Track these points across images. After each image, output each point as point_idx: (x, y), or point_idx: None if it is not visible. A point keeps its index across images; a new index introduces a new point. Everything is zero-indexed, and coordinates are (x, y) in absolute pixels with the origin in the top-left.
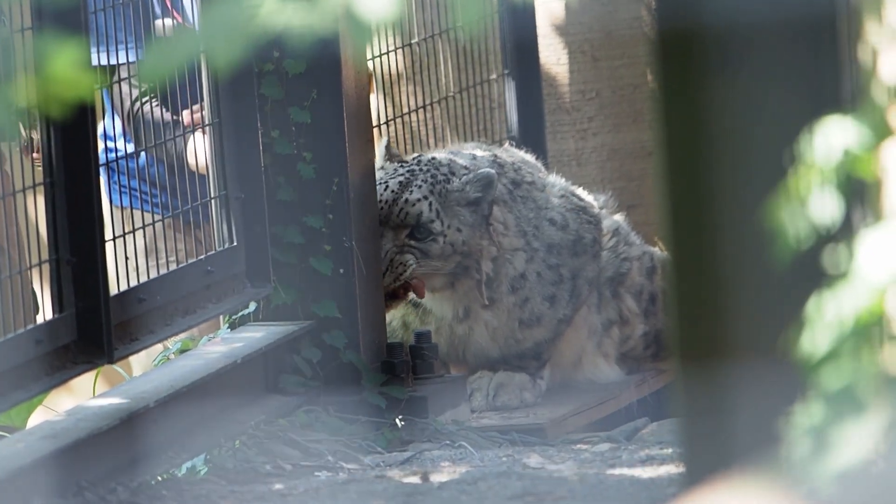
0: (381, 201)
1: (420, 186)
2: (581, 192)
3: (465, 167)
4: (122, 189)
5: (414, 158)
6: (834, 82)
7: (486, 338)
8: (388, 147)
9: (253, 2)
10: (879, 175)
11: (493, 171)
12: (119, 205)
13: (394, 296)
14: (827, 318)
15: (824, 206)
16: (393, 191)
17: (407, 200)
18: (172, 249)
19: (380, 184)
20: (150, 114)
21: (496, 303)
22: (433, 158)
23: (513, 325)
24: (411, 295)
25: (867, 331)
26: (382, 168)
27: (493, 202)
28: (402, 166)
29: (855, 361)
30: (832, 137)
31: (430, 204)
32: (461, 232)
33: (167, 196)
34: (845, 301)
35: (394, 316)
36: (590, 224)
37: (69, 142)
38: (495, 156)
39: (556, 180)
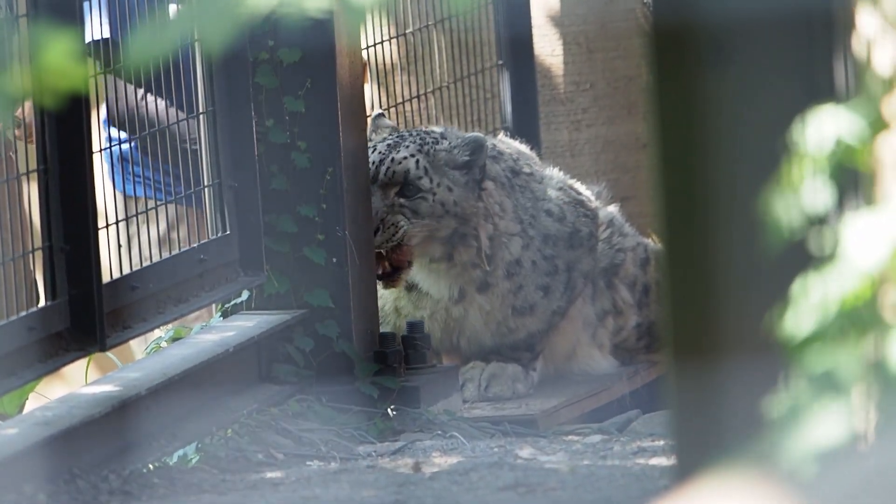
0: (370, 163)
1: (408, 146)
2: (579, 185)
3: (459, 136)
4: (134, 178)
5: (406, 129)
6: (828, 74)
7: (480, 322)
8: (376, 119)
9: None
10: (874, 165)
11: (481, 135)
12: (131, 194)
13: (390, 276)
14: (813, 300)
15: (817, 195)
16: (381, 152)
17: (394, 159)
18: (188, 240)
19: (369, 147)
20: (147, 108)
21: (491, 287)
22: (426, 128)
23: (506, 311)
24: (408, 275)
25: (852, 314)
26: (371, 139)
27: (485, 168)
28: (393, 132)
29: (840, 345)
30: (825, 126)
31: (418, 161)
32: (452, 192)
33: (181, 186)
34: (832, 284)
35: (386, 300)
36: (587, 218)
37: (63, 129)
38: (493, 145)
39: (554, 173)
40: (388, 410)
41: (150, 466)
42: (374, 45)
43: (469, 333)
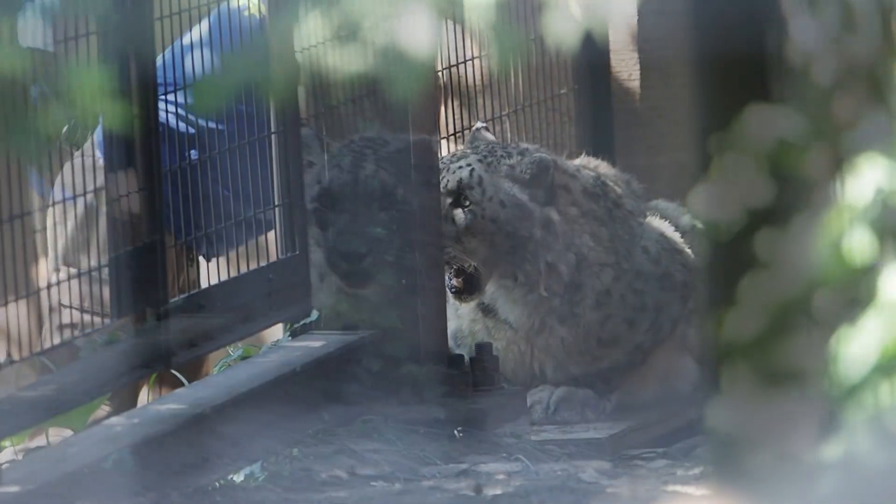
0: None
1: (469, 157)
2: (678, 237)
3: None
4: None
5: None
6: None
7: (562, 353)
8: (476, 132)
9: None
10: None
11: (547, 155)
12: None
13: (460, 292)
14: (856, 348)
15: (858, 244)
16: (444, 163)
17: (450, 168)
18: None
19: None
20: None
21: (577, 317)
22: (517, 144)
23: (591, 341)
24: (480, 295)
25: (894, 361)
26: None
27: (553, 190)
28: (488, 145)
29: (882, 391)
30: (867, 177)
31: (472, 171)
32: (504, 207)
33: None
34: (873, 332)
35: (463, 319)
36: (683, 267)
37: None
38: (599, 175)
39: (657, 222)
40: (455, 432)
41: (216, 484)
42: (453, 66)
43: (552, 363)
